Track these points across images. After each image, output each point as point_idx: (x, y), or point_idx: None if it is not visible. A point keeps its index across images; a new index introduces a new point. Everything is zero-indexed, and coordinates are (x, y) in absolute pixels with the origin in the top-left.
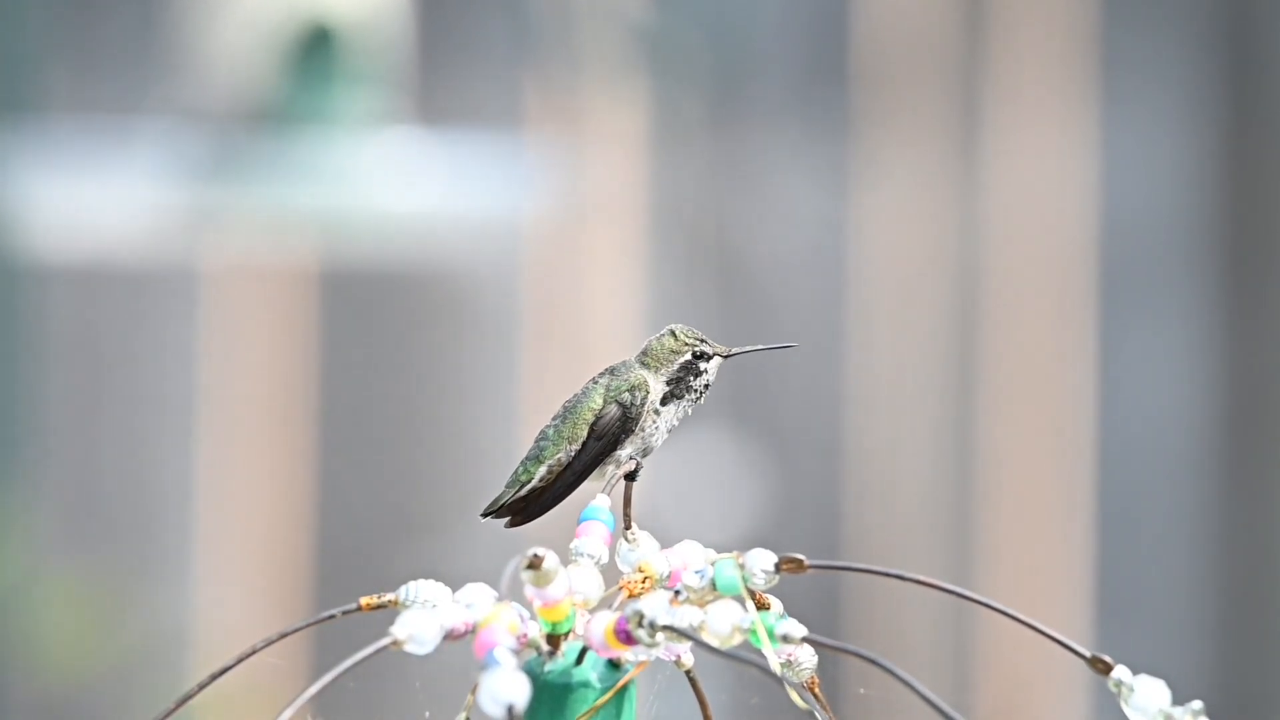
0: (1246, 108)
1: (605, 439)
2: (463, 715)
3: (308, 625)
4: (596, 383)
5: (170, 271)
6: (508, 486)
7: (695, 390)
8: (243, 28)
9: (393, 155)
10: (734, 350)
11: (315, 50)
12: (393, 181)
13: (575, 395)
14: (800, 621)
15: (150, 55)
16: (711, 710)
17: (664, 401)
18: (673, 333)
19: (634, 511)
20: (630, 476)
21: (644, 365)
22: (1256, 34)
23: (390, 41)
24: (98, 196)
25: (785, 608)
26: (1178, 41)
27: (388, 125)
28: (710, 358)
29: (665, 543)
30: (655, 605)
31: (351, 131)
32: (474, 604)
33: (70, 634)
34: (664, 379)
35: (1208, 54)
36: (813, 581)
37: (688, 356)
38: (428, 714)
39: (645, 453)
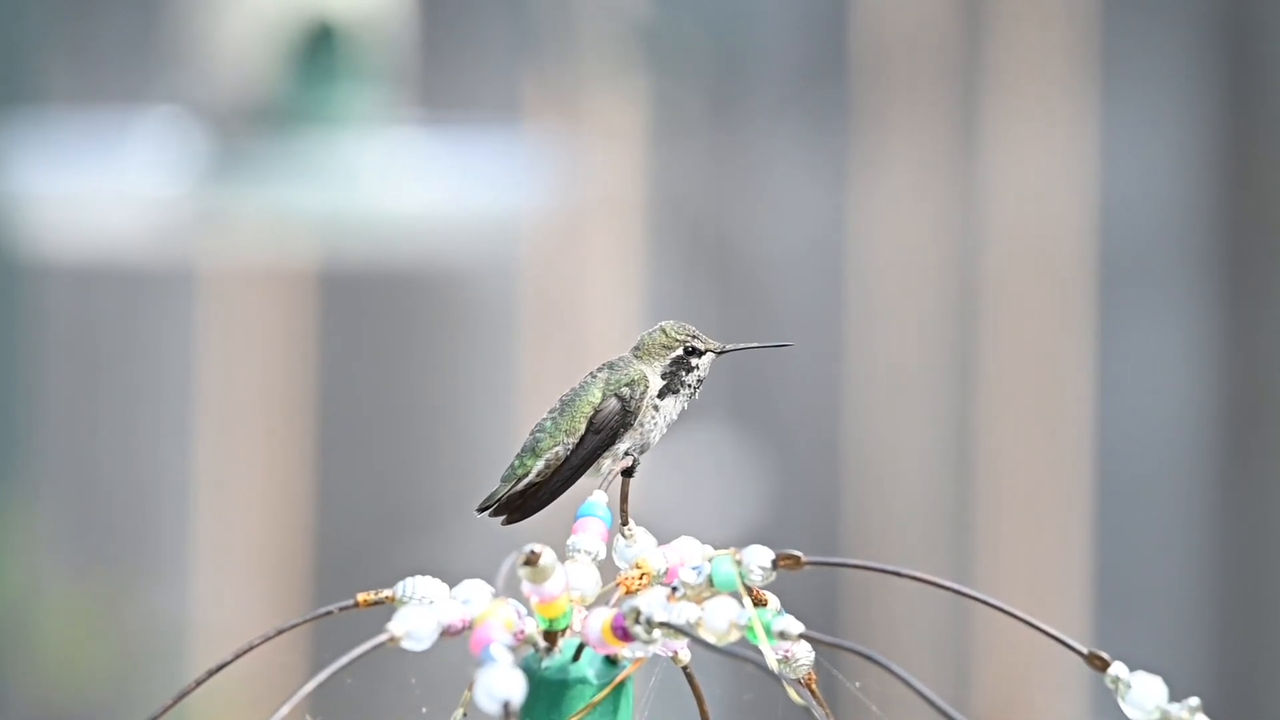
0: (1246, 102)
1: (604, 433)
2: (459, 712)
3: (305, 621)
4: (595, 376)
5: (170, 269)
6: (504, 481)
7: (689, 385)
8: (245, 25)
9: (393, 152)
10: (728, 347)
11: (317, 48)
12: (392, 178)
13: (573, 389)
14: (798, 618)
15: (151, 52)
16: (708, 706)
17: (660, 395)
18: (663, 329)
19: (631, 508)
20: (627, 473)
21: (638, 359)
22: (1256, 29)
23: (392, 39)
24: (97, 194)
25: (783, 604)
26: (1177, 37)
27: (389, 123)
28: (702, 353)
29: (663, 539)
30: (652, 601)
31: (353, 129)
32: (471, 600)
33: (68, 630)
34: (657, 373)
35: (1207, 48)
36: (810, 578)
37: (679, 352)
38: (424, 710)
39: (643, 449)
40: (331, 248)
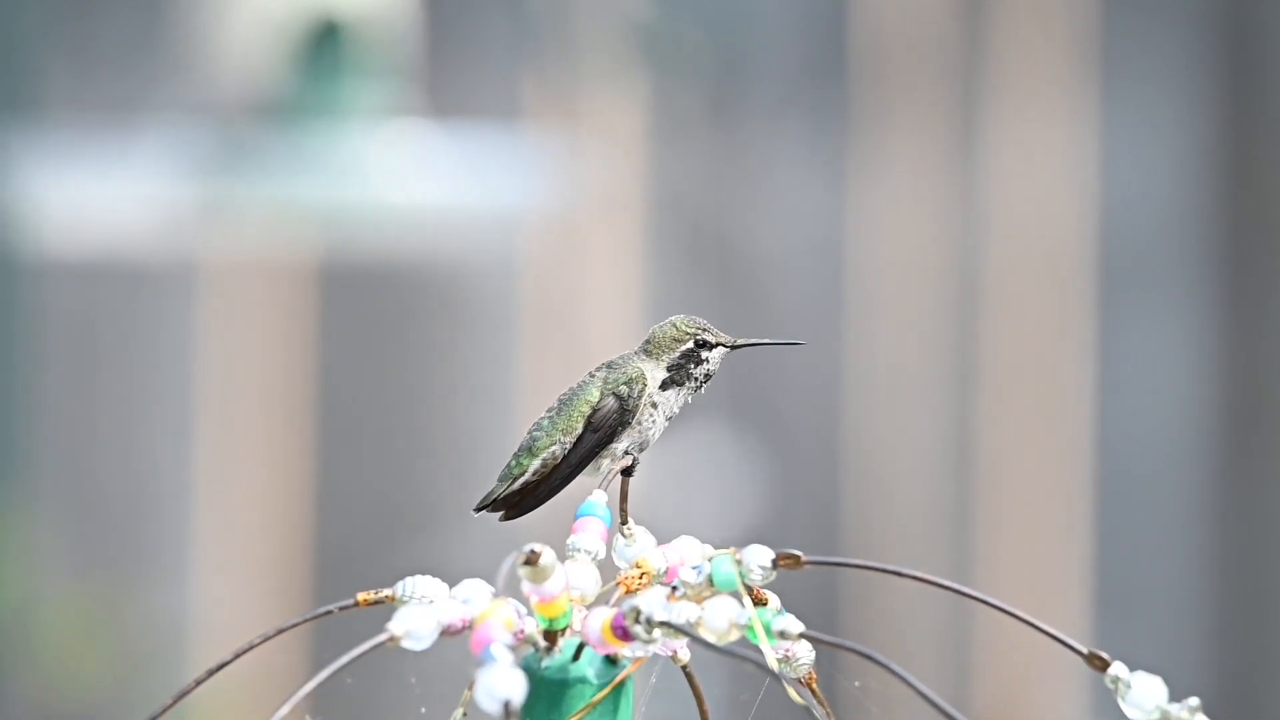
0: (1246, 103)
1: (602, 432)
2: (459, 711)
3: (304, 621)
4: (594, 376)
5: (173, 266)
6: (500, 481)
7: (696, 379)
8: (249, 22)
9: (395, 149)
10: (740, 341)
11: (321, 44)
12: (394, 175)
13: (571, 388)
14: (798, 617)
15: (155, 49)
16: (708, 706)
17: (663, 387)
18: (673, 323)
19: (631, 508)
20: (627, 472)
21: (646, 353)
22: (1256, 29)
23: (395, 36)
24: (102, 191)
25: (783, 604)
26: (1177, 37)
27: (392, 119)
28: (713, 347)
29: (662, 539)
30: (652, 601)
31: (356, 125)
32: (471, 600)
33: (68, 631)
34: (664, 365)
35: (1207, 48)
36: (810, 578)
37: (689, 345)
38: (424, 709)
39: (642, 447)
40: (333, 243)
